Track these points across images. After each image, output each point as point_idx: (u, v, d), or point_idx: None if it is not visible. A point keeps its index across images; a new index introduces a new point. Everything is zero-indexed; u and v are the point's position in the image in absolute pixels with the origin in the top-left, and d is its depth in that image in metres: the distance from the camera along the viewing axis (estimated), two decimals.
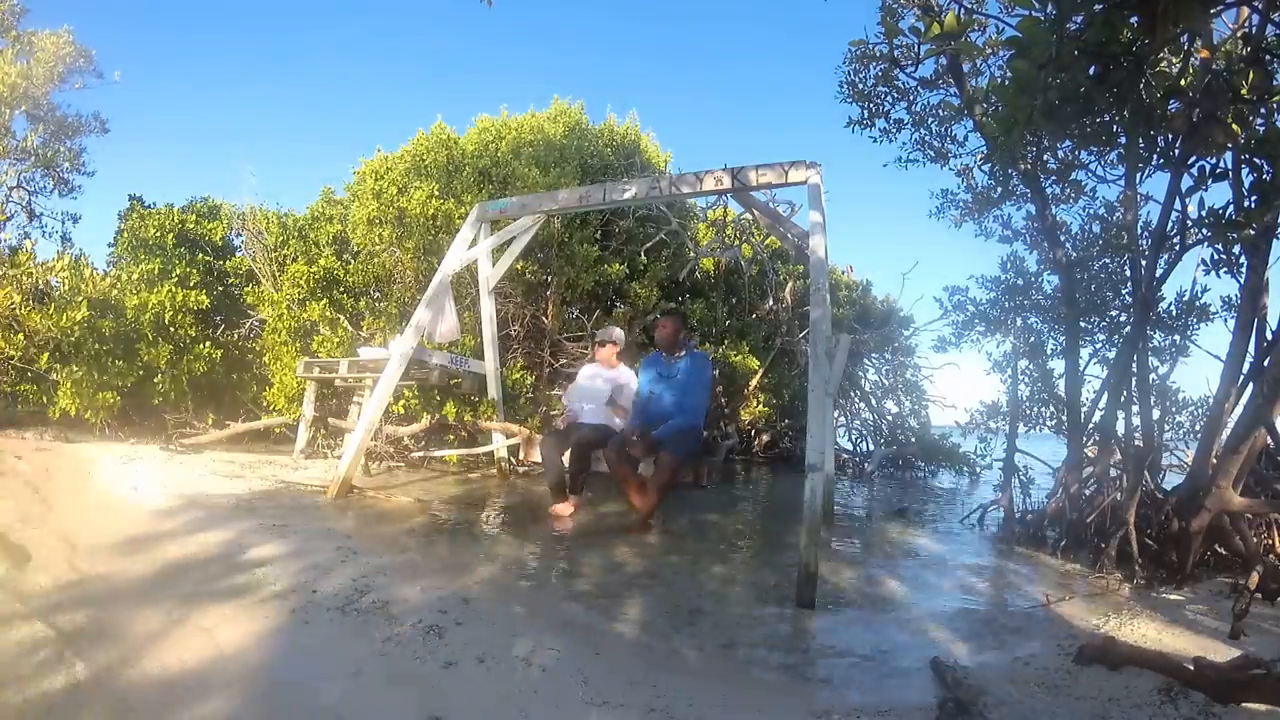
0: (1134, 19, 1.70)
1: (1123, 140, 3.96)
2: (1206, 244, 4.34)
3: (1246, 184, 3.53)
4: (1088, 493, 4.68)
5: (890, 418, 10.48)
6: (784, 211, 5.78)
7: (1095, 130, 3.09)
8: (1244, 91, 2.46)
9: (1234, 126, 2.60)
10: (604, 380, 5.16)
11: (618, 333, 5.34)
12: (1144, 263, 4.67)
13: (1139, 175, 4.83)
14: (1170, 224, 4.51)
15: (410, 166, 7.40)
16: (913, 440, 10.03)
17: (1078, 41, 1.76)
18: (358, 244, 7.30)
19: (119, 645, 2.16)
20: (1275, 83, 2.50)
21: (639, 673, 2.28)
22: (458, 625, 2.51)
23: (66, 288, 5.84)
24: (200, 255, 7.31)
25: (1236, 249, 4.14)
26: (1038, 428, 6.17)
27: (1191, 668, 2.19)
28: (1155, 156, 4.34)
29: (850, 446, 10.57)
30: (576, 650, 2.42)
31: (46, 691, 1.88)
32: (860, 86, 5.77)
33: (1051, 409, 5.97)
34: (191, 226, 7.51)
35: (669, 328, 4.80)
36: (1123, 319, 5.39)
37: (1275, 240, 3.93)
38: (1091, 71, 2.02)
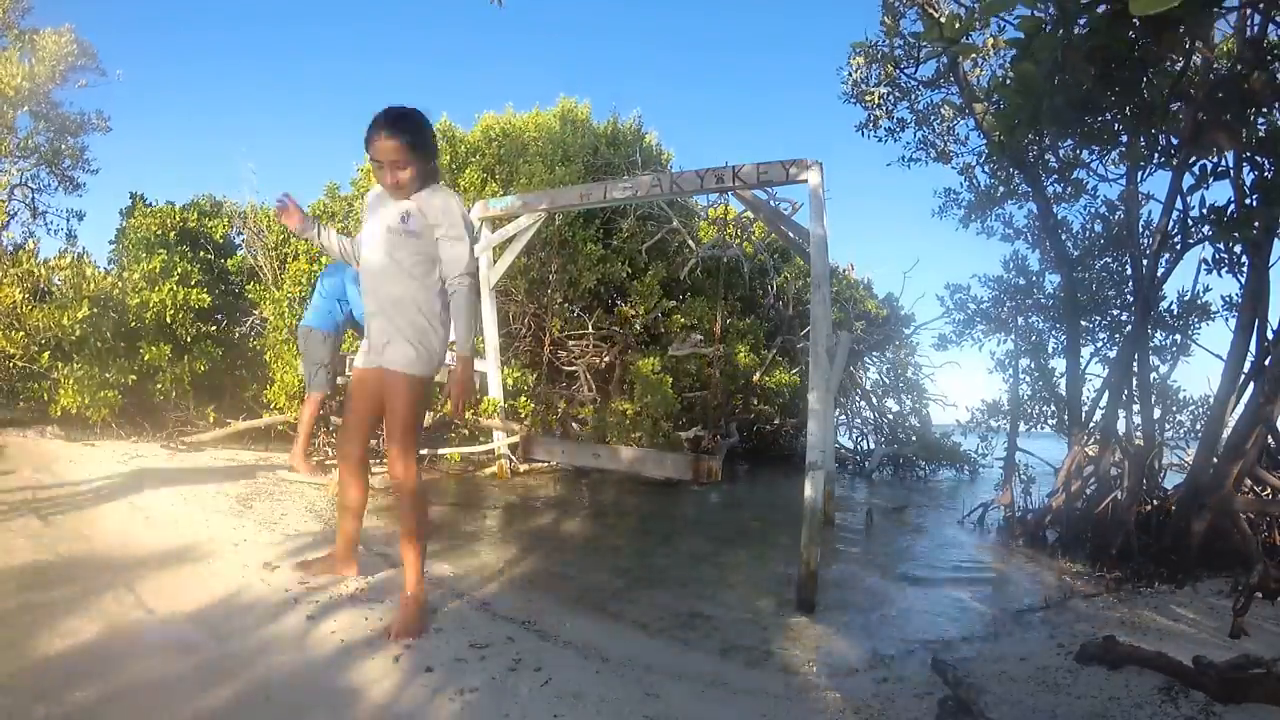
0: (1136, 20, 1.69)
1: (1124, 139, 3.94)
2: (1208, 243, 4.34)
3: (1248, 182, 3.52)
4: (1088, 492, 4.68)
5: (891, 416, 10.48)
6: (785, 210, 5.78)
7: (1097, 129, 3.08)
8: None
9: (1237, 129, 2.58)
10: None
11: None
12: (1145, 262, 4.67)
13: (1140, 174, 4.83)
14: (1172, 223, 4.51)
15: None
16: (913, 439, 10.02)
17: (1083, 42, 1.75)
18: None
19: None
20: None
21: (637, 674, 2.28)
22: (456, 623, 2.51)
23: (68, 286, 5.83)
24: (202, 253, 7.31)
25: (1238, 248, 4.13)
26: (1038, 426, 6.17)
27: (1191, 667, 2.20)
28: (1156, 155, 4.33)
29: (851, 445, 10.57)
30: (574, 652, 2.42)
31: None
32: (864, 87, 5.77)
33: (1052, 408, 5.96)
34: (193, 224, 7.49)
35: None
36: (1124, 318, 5.39)
37: (1276, 239, 3.92)
38: (1093, 71, 2.01)
